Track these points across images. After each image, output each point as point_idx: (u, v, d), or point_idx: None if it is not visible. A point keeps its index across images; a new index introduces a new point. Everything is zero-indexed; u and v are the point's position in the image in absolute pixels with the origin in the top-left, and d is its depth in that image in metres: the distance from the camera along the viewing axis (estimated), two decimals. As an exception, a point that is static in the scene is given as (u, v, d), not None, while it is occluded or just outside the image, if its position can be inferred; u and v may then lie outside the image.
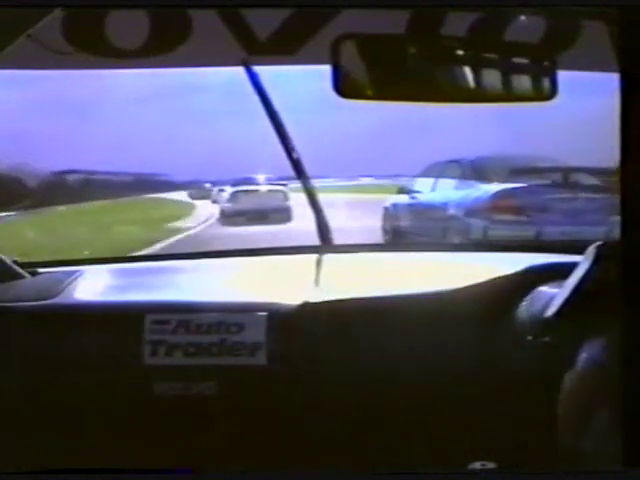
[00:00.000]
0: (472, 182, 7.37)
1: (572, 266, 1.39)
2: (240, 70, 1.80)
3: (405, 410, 1.54)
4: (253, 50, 1.70)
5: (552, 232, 6.40)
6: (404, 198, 8.21)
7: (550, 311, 1.40)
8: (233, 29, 1.65)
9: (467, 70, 1.32)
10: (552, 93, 1.36)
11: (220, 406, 1.55)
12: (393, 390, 1.53)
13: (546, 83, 1.36)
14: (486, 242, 6.09)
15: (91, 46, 1.67)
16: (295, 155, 1.95)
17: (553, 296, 1.43)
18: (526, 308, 1.51)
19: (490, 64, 1.33)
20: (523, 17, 1.59)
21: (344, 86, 1.27)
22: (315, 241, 1.99)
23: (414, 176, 8.49)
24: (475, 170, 7.50)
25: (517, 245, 2.21)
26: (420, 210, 7.74)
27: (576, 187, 7.16)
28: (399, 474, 1.14)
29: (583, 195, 7.09)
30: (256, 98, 1.82)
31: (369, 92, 1.31)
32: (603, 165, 7.32)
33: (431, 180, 7.98)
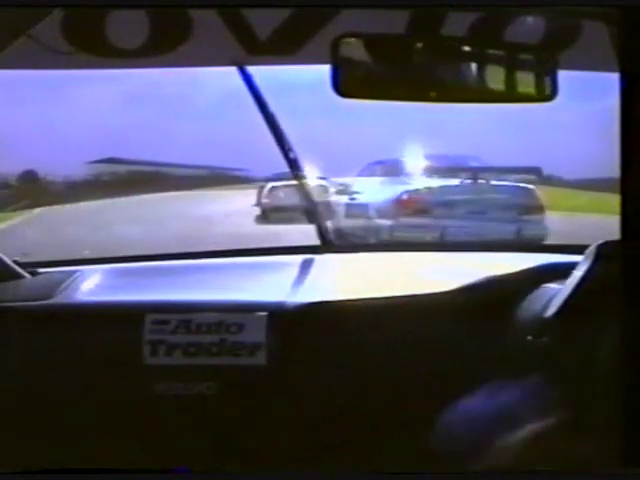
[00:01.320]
0: (390, 183, 7.47)
1: (572, 266, 1.39)
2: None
3: (405, 409, 1.54)
4: (253, 50, 1.70)
5: (455, 232, 6.29)
6: (345, 199, 8.05)
7: (550, 311, 1.40)
8: (233, 29, 1.65)
9: (466, 70, 1.32)
10: (552, 93, 1.36)
11: (220, 406, 1.55)
12: (393, 390, 1.53)
13: (546, 83, 1.36)
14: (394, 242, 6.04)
15: (91, 46, 1.67)
16: (292, 155, 1.96)
17: (553, 296, 1.43)
18: (526, 308, 1.51)
19: (489, 64, 1.33)
20: (523, 17, 1.59)
21: (343, 85, 1.27)
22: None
23: (350, 177, 8.37)
24: (394, 171, 7.58)
25: (518, 245, 2.21)
26: (355, 211, 7.64)
27: (485, 187, 7.15)
28: (399, 474, 1.14)
29: (492, 195, 7.09)
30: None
31: (368, 91, 1.31)
32: (516, 165, 7.30)
33: (363, 181, 8.04)
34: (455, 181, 7.22)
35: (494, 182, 7.25)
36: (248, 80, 1.90)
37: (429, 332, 1.56)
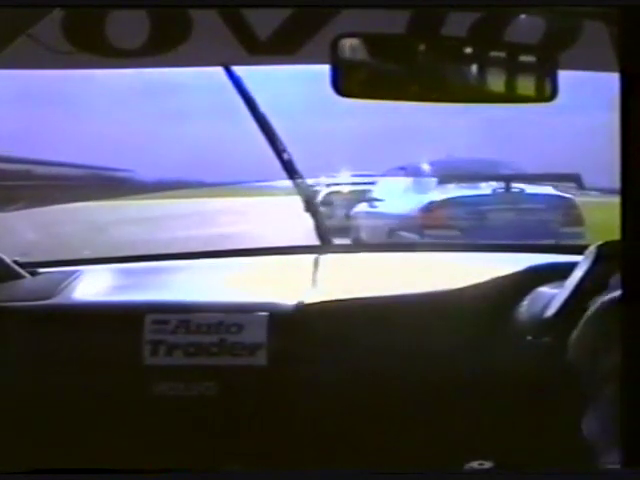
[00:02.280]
0: (413, 191, 6.66)
1: (572, 266, 1.39)
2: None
3: (405, 410, 1.54)
4: (253, 50, 1.70)
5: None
6: (364, 206, 7.22)
7: (550, 311, 1.40)
8: (233, 29, 1.65)
9: (466, 70, 1.32)
10: (553, 94, 1.36)
11: (220, 406, 1.55)
12: (393, 390, 1.53)
13: (546, 84, 1.36)
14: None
15: (91, 46, 1.67)
16: (286, 156, 1.96)
17: (553, 296, 1.43)
18: (526, 308, 1.51)
19: (489, 64, 1.33)
20: (523, 17, 1.58)
21: (342, 85, 1.27)
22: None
23: (368, 182, 7.38)
24: (418, 178, 6.70)
25: (517, 245, 2.21)
26: (375, 220, 6.77)
27: (520, 196, 6.33)
28: (398, 474, 1.14)
29: (527, 205, 6.29)
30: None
31: (367, 91, 1.31)
32: (554, 171, 6.38)
33: (384, 188, 7.09)
34: (487, 190, 6.42)
35: (530, 191, 6.43)
36: (237, 81, 1.90)
37: (429, 332, 1.56)
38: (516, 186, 6.33)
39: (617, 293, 1.12)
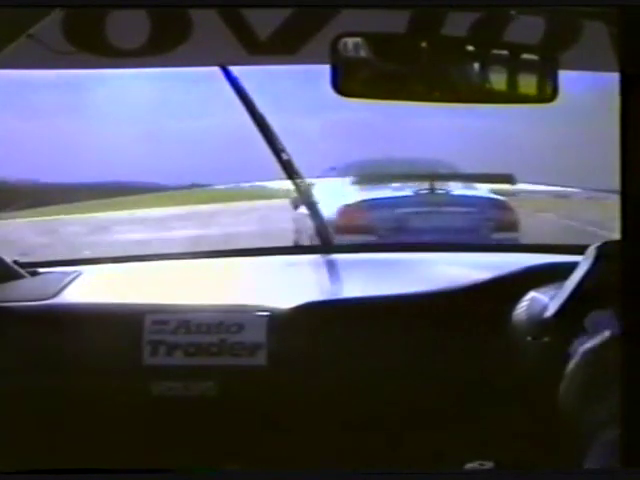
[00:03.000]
0: (340, 194, 5.74)
1: (572, 266, 1.39)
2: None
3: (405, 410, 1.54)
4: (253, 50, 1.71)
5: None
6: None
7: (550, 311, 1.40)
8: (233, 29, 1.66)
9: (465, 70, 1.32)
10: (553, 94, 1.36)
11: (220, 406, 1.55)
12: (393, 390, 1.53)
13: (546, 84, 1.36)
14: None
15: (91, 46, 1.67)
16: (285, 156, 1.96)
17: (553, 296, 1.43)
18: (526, 308, 1.51)
19: (489, 64, 1.33)
20: (523, 17, 1.58)
21: (342, 84, 1.28)
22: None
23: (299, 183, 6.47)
24: (346, 179, 5.92)
25: (516, 246, 2.21)
26: (296, 225, 5.61)
27: (445, 198, 5.64)
28: (398, 474, 1.14)
29: (453, 209, 5.62)
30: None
31: (367, 91, 1.32)
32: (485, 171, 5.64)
33: (315, 190, 6.36)
34: (407, 191, 5.71)
35: (457, 192, 5.75)
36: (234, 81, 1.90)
37: (429, 332, 1.56)
38: (442, 187, 5.65)
39: (601, 338, 1.13)
